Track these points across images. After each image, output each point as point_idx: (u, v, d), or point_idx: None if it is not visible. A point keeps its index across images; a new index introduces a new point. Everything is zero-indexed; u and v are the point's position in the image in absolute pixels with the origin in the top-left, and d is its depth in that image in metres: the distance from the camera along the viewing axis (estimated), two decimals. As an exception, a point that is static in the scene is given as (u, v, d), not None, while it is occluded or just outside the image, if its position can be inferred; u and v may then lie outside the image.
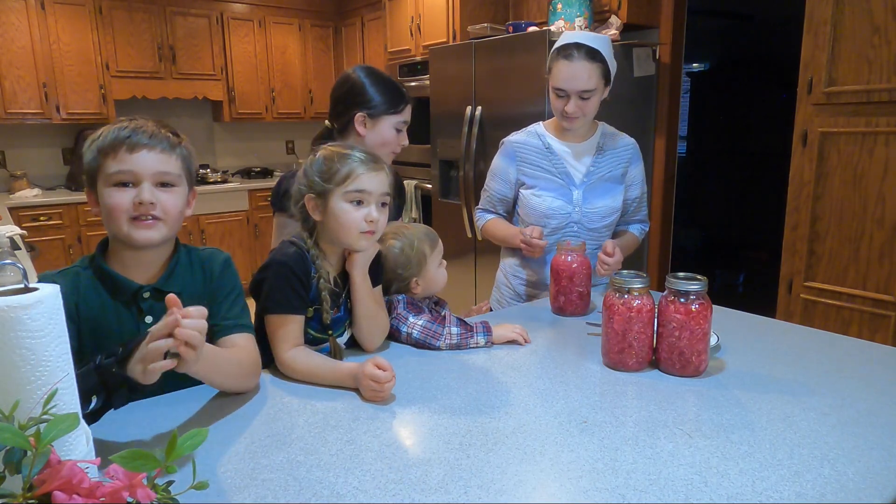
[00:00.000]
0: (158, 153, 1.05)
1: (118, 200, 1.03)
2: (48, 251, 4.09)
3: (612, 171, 1.78)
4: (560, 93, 1.67)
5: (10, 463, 0.59)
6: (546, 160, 1.78)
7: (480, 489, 0.83)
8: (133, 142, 1.03)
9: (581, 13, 3.10)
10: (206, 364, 0.96)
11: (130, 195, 1.03)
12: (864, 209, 2.31)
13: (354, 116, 1.62)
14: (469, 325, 1.39)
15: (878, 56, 2.21)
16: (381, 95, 1.62)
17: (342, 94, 1.66)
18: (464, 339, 1.36)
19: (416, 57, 4.19)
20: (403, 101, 1.65)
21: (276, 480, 0.85)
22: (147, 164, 1.04)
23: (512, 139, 1.84)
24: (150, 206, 1.04)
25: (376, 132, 1.63)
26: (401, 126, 1.66)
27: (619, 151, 1.80)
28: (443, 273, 1.48)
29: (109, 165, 1.03)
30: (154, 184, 1.05)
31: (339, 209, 1.21)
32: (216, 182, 4.93)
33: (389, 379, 1.09)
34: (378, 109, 1.62)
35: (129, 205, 1.03)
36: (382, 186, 1.24)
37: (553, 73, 1.68)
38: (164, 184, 1.07)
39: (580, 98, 1.65)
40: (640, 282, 1.22)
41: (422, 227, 1.49)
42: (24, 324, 0.67)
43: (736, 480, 0.84)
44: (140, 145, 1.03)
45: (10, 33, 4.06)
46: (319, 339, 1.28)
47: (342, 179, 1.20)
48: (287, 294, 1.19)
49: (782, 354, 1.33)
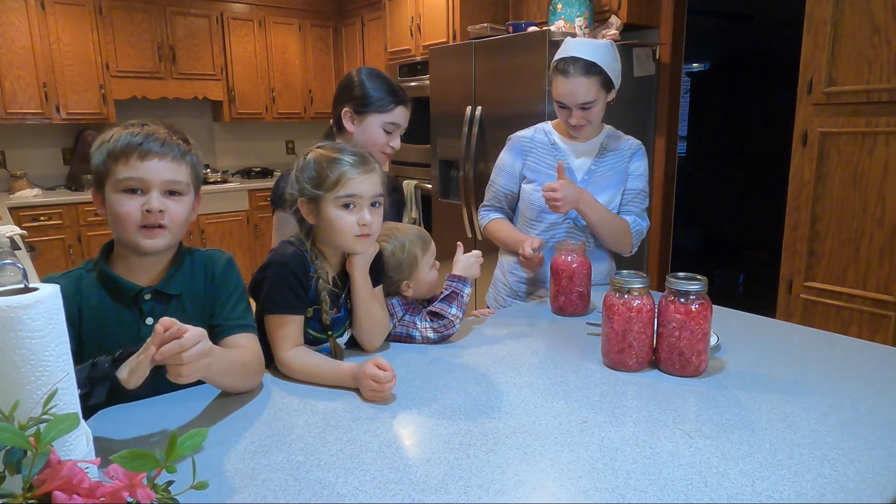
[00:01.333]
0: (169, 161, 1.05)
1: (127, 208, 1.04)
2: (48, 251, 4.09)
3: (613, 168, 1.79)
4: (562, 105, 1.70)
5: (10, 463, 0.59)
6: (550, 156, 1.80)
7: (480, 489, 0.83)
8: (145, 149, 1.03)
9: (581, 13, 3.10)
10: (211, 367, 0.97)
11: (139, 202, 1.04)
12: (864, 209, 2.31)
13: (342, 111, 1.62)
14: (437, 312, 1.40)
15: (878, 56, 2.21)
16: (371, 92, 1.60)
17: (338, 89, 1.66)
18: (442, 327, 1.38)
19: (416, 57, 4.19)
20: (394, 101, 1.61)
21: (276, 480, 0.85)
22: (157, 173, 1.04)
23: (519, 135, 1.87)
24: (159, 215, 1.04)
25: (363, 130, 1.62)
26: (390, 127, 1.63)
27: (622, 151, 1.80)
28: (434, 275, 1.48)
29: (120, 171, 1.03)
30: (162, 192, 1.06)
31: (331, 215, 1.21)
32: (216, 182, 4.93)
33: (390, 379, 1.09)
34: (364, 105, 1.60)
35: (138, 213, 1.04)
36: (374, 188, 1.23)
37: (553, 87, 1.70)
38: (173, 192, 1.07)
39: (581, 109, 1.68)
40: (640, 282, 1.22)
41: (414, 228, 1.48)
42: (24, 324, 0.67)
43: (736, 480, 0.84)
44: (151, 153, 1.04)
45: (10, 33, 4.06)
46: (319, 340, 1.28)
47: (332, 185, 1.20)
48: (286, 294, 1.19)
49: (782, 354, 1.32)
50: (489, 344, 1.40)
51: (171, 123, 1.11)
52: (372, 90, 1.61)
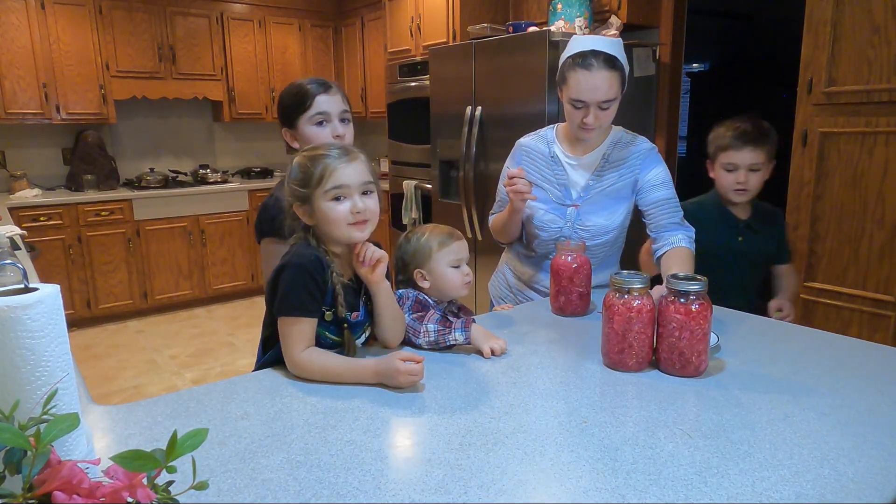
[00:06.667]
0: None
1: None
2: (48, 251, 4.09)
3: (616, 183, 1.68)
4: (578, 104, 1.58)
5: (10, 463, 0.59)
6: (548, 169, 1.73)
7: (480, 489, 0.83)
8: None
9: (581, 13, 3.10)
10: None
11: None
12: (864, 209, 2.31)
13: (283, 135, 1.63)
14: (450, 321, 1.39)
15: (878, 56, 2.21)
16: (286, 101, 1.60)
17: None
18: (441, 335, 1.35)
19: (416, 57, 4.19)
20: (308, 96, 1.56)
21: (276, 480, 0.85)
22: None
23: (523, 142, 1.81)
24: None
25: (301, 137, 1.59)
26: (319, 118, 1.56)
27: (627, 160, 1.68)
28: (454, 274, 1.45)
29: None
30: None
31: (324, 209, 1.22)
32: (216, 182, 4.93)
33: (422, 369, 1.15)
34: (288, 116, 1.59)
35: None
36: (361, 175, 1.24)
37: (570, 84, 1.57)
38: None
39: (599, 108, 1.57)
40: (640, 282, 1.22)
41: (446, 228, 1.50)
42: (24, 324, 0.67)
43: (736, 480, 0.84)
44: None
45: (10, 33, 4.06)
46: (339, 343, 1.28)
47: (318, 181, 1.21)
48: (302, 296, 1.19)
49: (782, 354, 1.33)
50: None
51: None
52: (285, 100, 1.61)
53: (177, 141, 5.12)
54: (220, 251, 4.86)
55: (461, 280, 1.46)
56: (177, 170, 4.98)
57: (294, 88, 1.60)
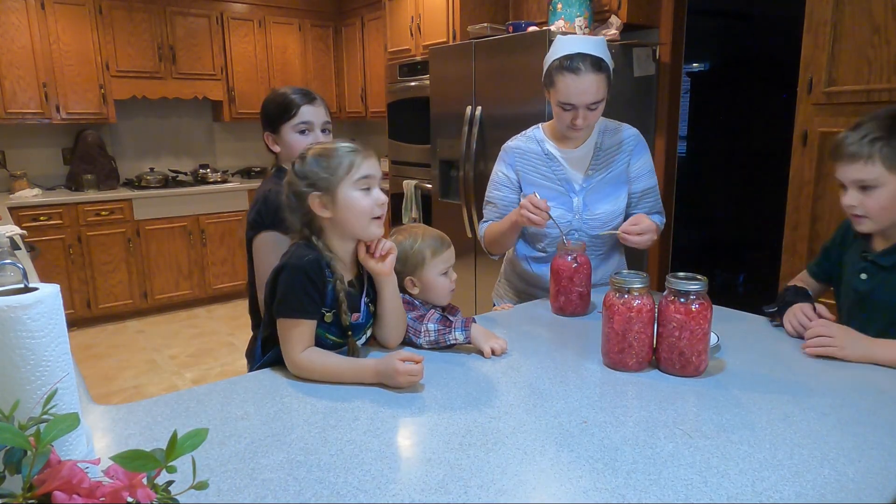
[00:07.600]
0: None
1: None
2: (48, 251, 4.09)
3: (613, 170, 1.73)
4: (567, 107, 1.60)
5: (10, 463, 0.59)
6: (546, 167, 1.74)
7: (480, 489, 0.83)
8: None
9: (581, 13, 3.10)
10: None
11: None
12: (864, 209, 2.31)
13: (265, 138, 1.66)
14: (450, 320, 1.39)
15: (878, 56, 2.21)
16: (272, 107, 1.63)
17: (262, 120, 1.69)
18: (441, 335, 1.35)
19: (416, 57, 4.19)
20: (295, 104, 1.60)
21: (276, 480, 0.85)
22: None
23: (511, 145, 1.80)
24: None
25: (283, 143, 1.62)
26: (303, 127, 1.60)
27: (619, 146, 1.73)
28: (445, 282, 1.45)
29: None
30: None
31: (350, 198, 1.22)
32: (216, 182, 4.93)
33: (421, 369, 1.15)
34: (272, 121, 1.62)
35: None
36: (379, 169, 1.29)
37: (558, 88, 1.59)
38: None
39: (588, 109, 1.60)
40: (640, 282, 1.22)
41: (436, 232, 1.48)
42: (24, 324, 0.67)
43: (736, 480, 0.84)
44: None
45: (10, 33, 4.06)
46: (339, 345, 1.27)
47: (347, 170, 1.22)
48: (301, 298, 1.19)
49: (782, 354, 1.33)
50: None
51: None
52: (270, 107, 1.63)
53: (177, 141, 5.12)
54: (220, 251, 4.86)
55: (449, 288, 1.46)
56: (177, 170, 4.98)
57: (279, 97, 1.64)
